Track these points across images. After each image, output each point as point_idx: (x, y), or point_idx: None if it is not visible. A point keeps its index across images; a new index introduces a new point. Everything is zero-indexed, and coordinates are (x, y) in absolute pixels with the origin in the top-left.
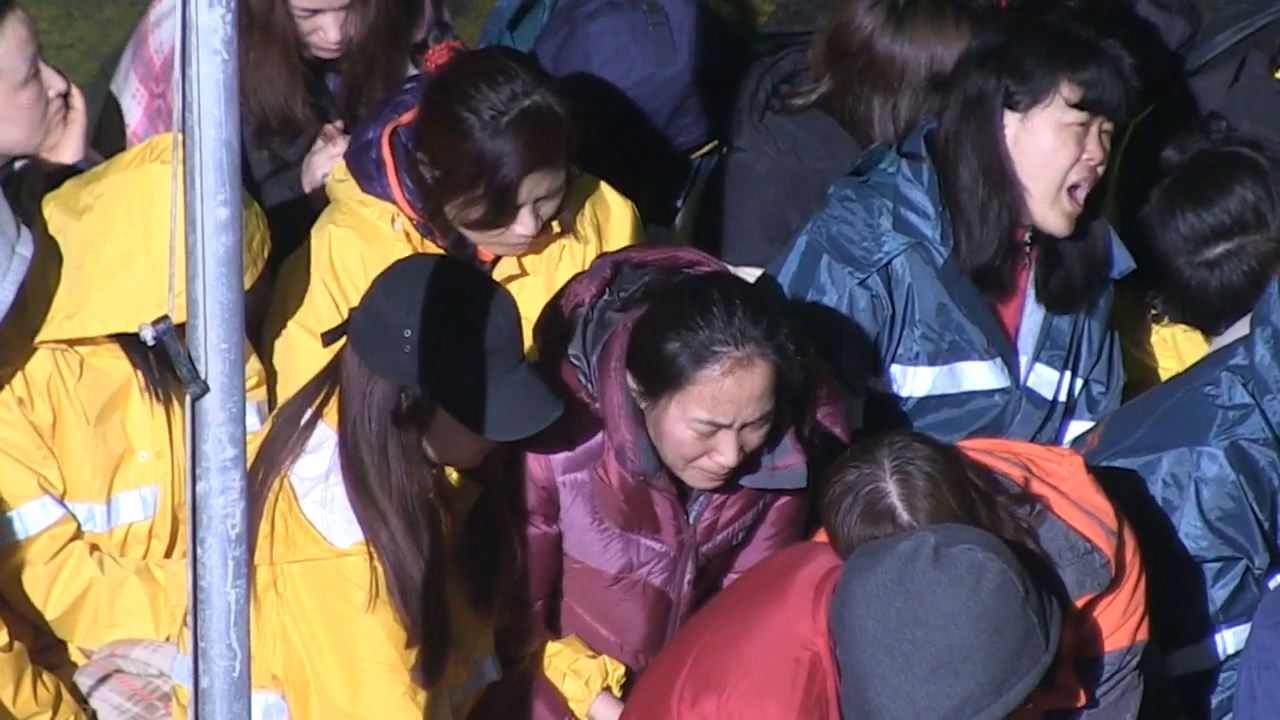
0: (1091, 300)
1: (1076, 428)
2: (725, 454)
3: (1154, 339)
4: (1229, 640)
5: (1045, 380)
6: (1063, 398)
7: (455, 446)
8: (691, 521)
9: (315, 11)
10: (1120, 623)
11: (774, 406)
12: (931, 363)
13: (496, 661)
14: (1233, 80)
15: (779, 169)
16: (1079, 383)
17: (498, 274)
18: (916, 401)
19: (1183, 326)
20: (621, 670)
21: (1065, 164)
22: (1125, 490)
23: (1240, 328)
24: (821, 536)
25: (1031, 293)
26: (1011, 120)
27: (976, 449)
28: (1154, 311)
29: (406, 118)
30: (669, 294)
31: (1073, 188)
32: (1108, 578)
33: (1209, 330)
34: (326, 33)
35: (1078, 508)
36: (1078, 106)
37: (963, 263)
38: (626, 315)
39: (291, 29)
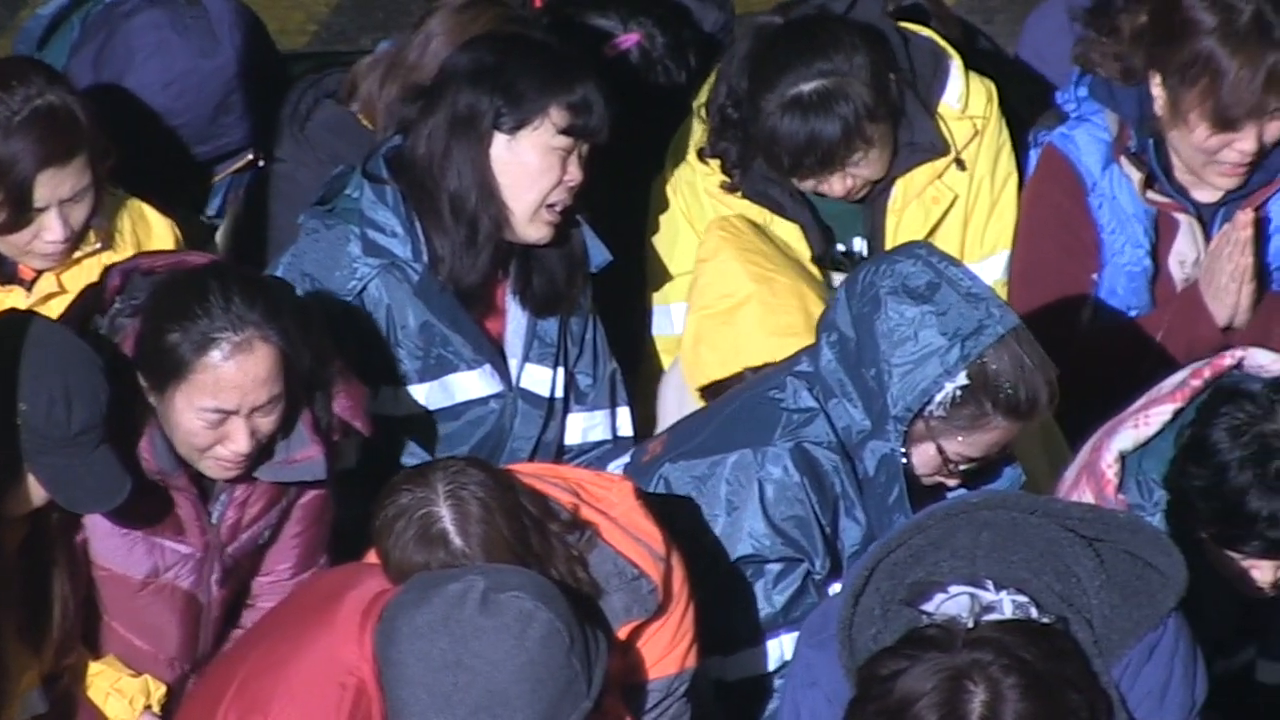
0: (574, 299)
1: (574, 421)
2: (238, 441)
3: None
4: (788, 645)
5: (539, 379)
6: (559, 394)
7: (25, 503)
8: (215, 521)
9: None
10: (669, 649)
11: (282, 390)
12: (421, 379)
13: (44, 694)
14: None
15: (319, 178)
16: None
17: (37, 292)
18: (414, 419)
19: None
20: (163, 690)
21: (548, 186)
22: (691, 491)
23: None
24: (372, 557)
25: (513, 297)
26: (499, 140)
27: (528, 473)
28: (727, 180)
29: None
30: (166, 287)
31: (551, 205)
32: (655, 604)
33: (784, 172)
34: None
35: (627, 534)
36: (565, 132)
37: (449, 278)
38: (135, 320)
39: None
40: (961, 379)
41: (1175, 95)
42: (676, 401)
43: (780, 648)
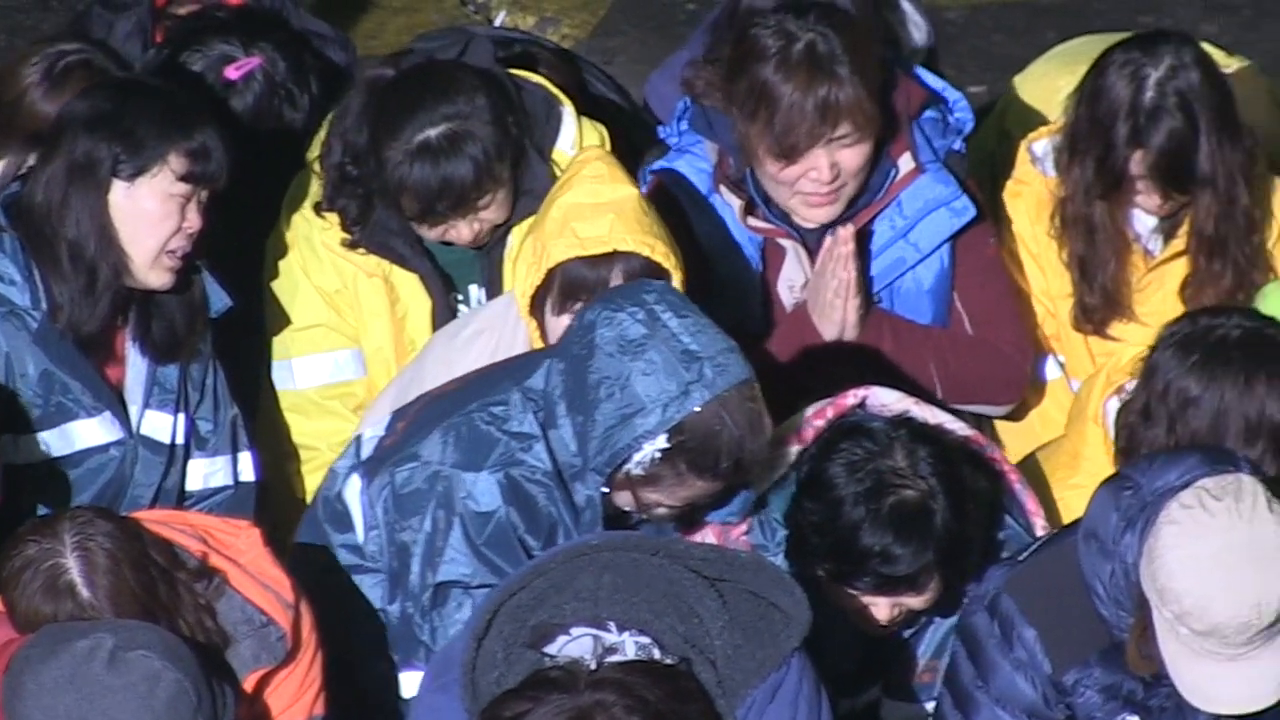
0: (194, 345)
1: (195, 467)
2: None
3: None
4: None
5: (159, 426)
6: (180, 440)
7: None
8: None
9: None
10: (296, 696)
11: None
12: (41, 427)
13: None
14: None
15: None
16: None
17: None
18: (35, 468)
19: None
20: None
21: (168, 233)
22: (406, 498)
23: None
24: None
25: (133, 343)
26: (117, 187)
27: (155, 520)
28: (347, 237)
29: None
30: None
31: (171, 251)
32: (284, 651)
33: (416, 219)
34: None
35: (255, 580)
36: (184, 179)
37: (68, 326)
38: None
39: None
40: (661, 443)
41: (744, 129)
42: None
43: None
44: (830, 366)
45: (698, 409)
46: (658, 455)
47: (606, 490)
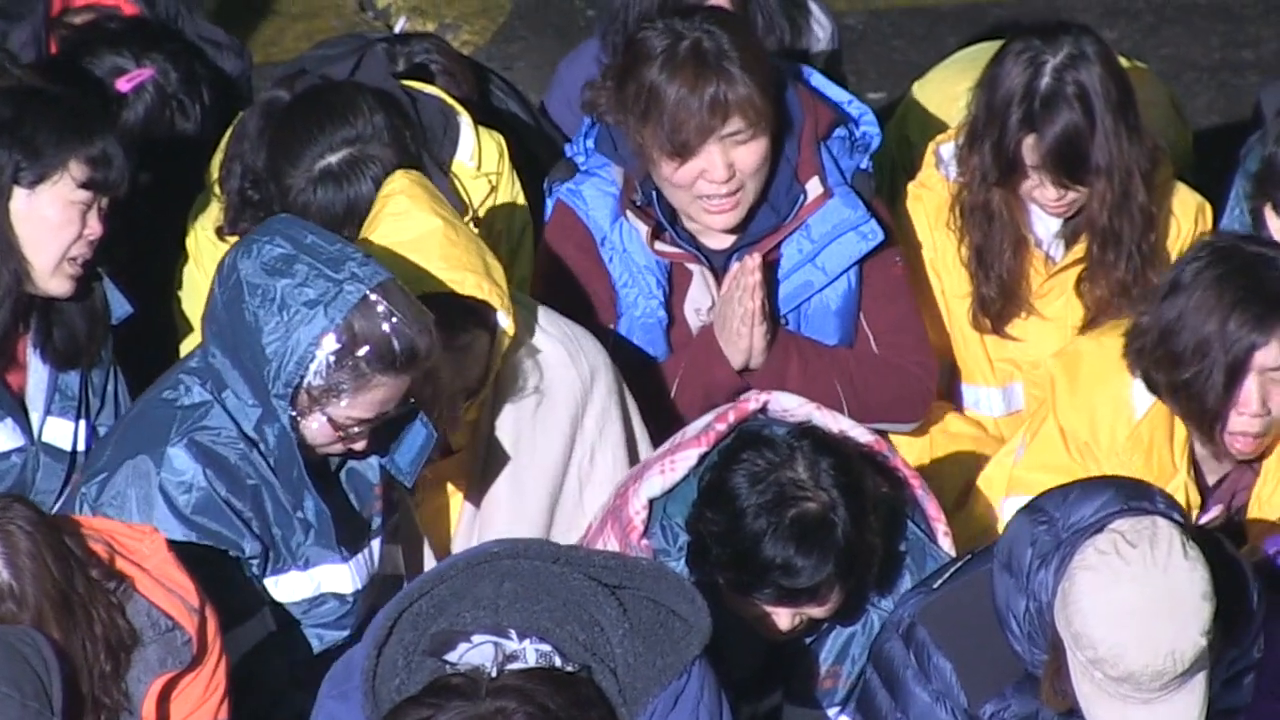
0: (95, 352)
1: None
2: None
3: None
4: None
5: (61, 433)
6: (81, 447)
7: None
8: None
9: None
10: (201, 701)
11: None
12: None
13: None
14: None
15: None
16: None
17: None
18: None
19: None
20: None
21: (69, 240)
22: (109, 509)
23: None
24: None
25: (34, 350)
26: (18, 195)
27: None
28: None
29: None
30: None
31: (73, 259)
32: (190, 655)
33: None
34: None
35: (160, 585)
36: (85, 186)
37: None
38: None
39: None
40: (331, 344)
41: (638, 135)
42: None
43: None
44: (737, 390)
45: (356, 301)
46: (332, 359)
47: (295, 415)
